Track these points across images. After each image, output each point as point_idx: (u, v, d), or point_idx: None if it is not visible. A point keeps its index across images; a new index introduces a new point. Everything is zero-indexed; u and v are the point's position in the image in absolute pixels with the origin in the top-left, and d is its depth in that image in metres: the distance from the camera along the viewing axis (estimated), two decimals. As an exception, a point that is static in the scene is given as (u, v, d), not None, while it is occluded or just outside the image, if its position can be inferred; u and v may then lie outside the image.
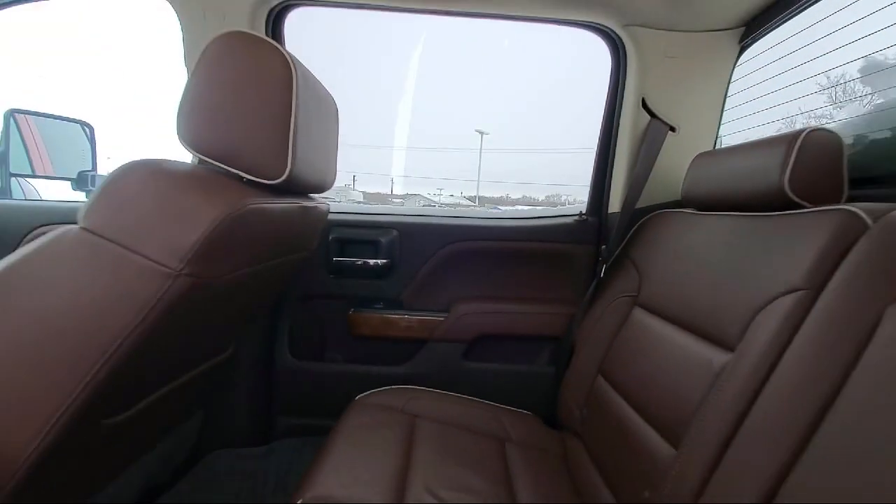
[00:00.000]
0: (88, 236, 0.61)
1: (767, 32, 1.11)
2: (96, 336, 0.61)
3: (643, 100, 1.26)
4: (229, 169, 0.74)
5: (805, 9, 0.99)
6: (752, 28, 1.13)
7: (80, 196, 2.08)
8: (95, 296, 0.61)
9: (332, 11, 1.28)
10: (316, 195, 1.08)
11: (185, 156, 0.90)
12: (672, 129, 1.26)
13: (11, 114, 1.80)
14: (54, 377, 0.61)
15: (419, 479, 0.92)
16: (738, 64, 1.23)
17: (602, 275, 1.30)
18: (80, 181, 1.99)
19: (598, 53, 1.34)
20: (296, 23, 1.32)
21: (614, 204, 1.38)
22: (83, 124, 2.09)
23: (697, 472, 0.65)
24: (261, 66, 0.73)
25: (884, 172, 0.86)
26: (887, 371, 0.47)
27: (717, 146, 1.32)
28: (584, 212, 1.46)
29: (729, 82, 1.25)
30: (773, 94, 1.14)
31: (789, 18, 1.05)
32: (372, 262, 1.41)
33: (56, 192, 2.36)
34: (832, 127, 0.82)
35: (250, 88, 0.72)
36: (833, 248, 0.62)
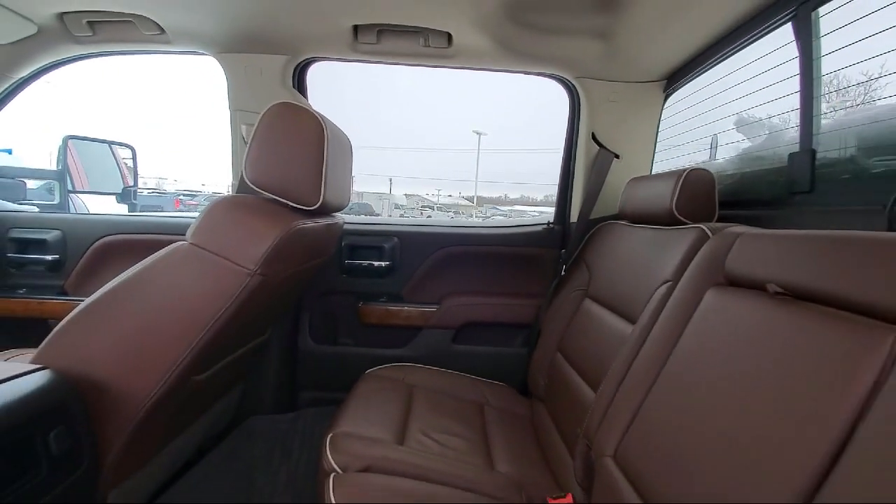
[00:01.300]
0: (195, 249, 0.90)
1: (683, 85, 1.42)
2: (199, 316, 0.90)
3: (593, 133, 1.56)
4: (280, 199, 1.03)
5: (709, 70, 1.29)
6: (672, 81, 1.44)
7: (124, 208, 2.36)
8: (199, 289, 0.90)
9: (344, 63, 1.57)
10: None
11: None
12: (616, 156, 1.56)
13: (67, 139, 2.08)
14: (171, 345, 0.90)
15: (416, 425, 1.22)
16: (665, 107, 1.53)
17: (563, 273, 1.59)
18: (123, 195, 2.28)
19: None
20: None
21: (574, 215, 1.67)
22: (128, 146, 2.38)
23: (603, 407, 0.94)
24: (301, 127, 1.02)
25: (744, 198, 1.16)
26: (704, 331, 0.77)
27: (653, 170, 1.62)
28: (551, 221, 1.76)
29: (659, 120, 1.56)
30: (690, 131, 1.44)
31: (699, 76, 1.35)
32: (377, 263, 1.71)
33: (101, 205, 2.65)
34: (712, 166, 1.12)
35: (295, 143, 1.01)
36: (688, 252, 0.92)
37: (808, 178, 0.90)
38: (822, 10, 0.87)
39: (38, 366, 0.84)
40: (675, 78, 1.42)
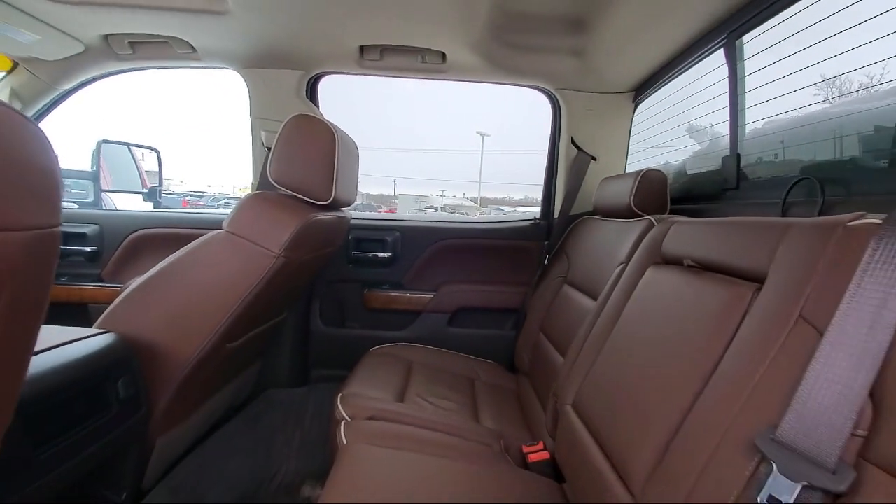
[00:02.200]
0: (230, 236, 1.08)
1: (649, 96, 1.59)
2: (234, 291, 1.08)
3: (572, 138, 1.74)
4: (298, 195, 1.21)
5: (668, 83, 1.47)
6: (639, 92, 1.62)
7: (149, 206, 2.55)
8: (234, 269, 1.08)
9: (351, 76, 1.75)
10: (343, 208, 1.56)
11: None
12: (593, 158, 1.74)
13: (101, 143, 2.27)
14: (212, 315, 1.08)
15: (413, 391, 1.40)
16: (635, 114, 1.70)
17: (546, 263, 1.77)
18: (150, 194, 2.47)
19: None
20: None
21: (557, 211, 1.85)
22: (154, 150, 2.57)
23: (568, 367, 1.12)
24: (316, 135, 1.20)
25: (691, 194, 1.33)
26: (641, 301, 0.94)
27: (627, 169, 1.79)
28: (537, 217, 1.94)
29: (630, 126, 1.73)
30: (657, 135, 1.61)
31: (661, 88, 1.52)
32: (380, 254, 1.89)
33: (128, 203, 2.85)
34: (668, 166, 1.29)
35: (311, 149, 1.19)
36: (637, 239, 1.09)
37: (735, 177, 1.08)
38: (745, 38, 1.04)
39: (103, 330, 1.02)
40: (642, 89, 1.60)
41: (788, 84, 0.92)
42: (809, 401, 0.48)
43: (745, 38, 1.04)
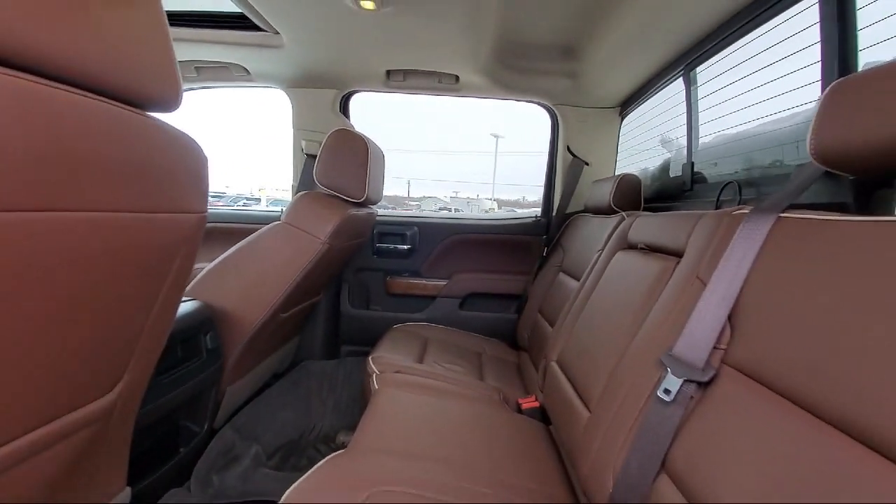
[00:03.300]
0: (287, 226, 1.35)
1: (632, 111, 1.83)
2: (289, 270, 1.35)
3: (568, 146, 1.98)
4: (337, 194, 1.47)
5: (645, 102, 1.70)
6: (624, 107, 1.85)
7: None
8: (289, 252, 1.35)
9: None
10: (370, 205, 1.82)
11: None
12: (587, 163, 1.97)
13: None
14: (271, 289, 1.35)
15: (429, 359, 1.65)
16: (622, 125, 1.94)
17: (545, 255, 2.01)
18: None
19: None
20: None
21: (555, 209, 2.09)
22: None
23: (555, 333, 1.36)
24: (353, 146, 1.46)
25: (660, 195, 1.57)
26: (608, 279, 1.18)
27: (617, 172, 2.02)
28: (538, 214, 2.18)
29: (618, 135, 1.97)
30: (642, 143, 1.84)
31: (641, 104, 1.76)
32: (401, 247, 2.15)
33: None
34: (646, 171, 1.53)
35: (348, 157, 1.46)
36: (611, 231, 1.33)
37: (690, 181, 1.31)
38: (698, 69, 1.28)
39: (190, 298, 1.30)
40: (627, 104, 1.84)
41: (727, 107, 1.15)
42: (693, 329, 0.72)
43: (699, 68, 1.27)
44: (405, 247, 2.15)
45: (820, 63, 0.81)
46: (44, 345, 0.53)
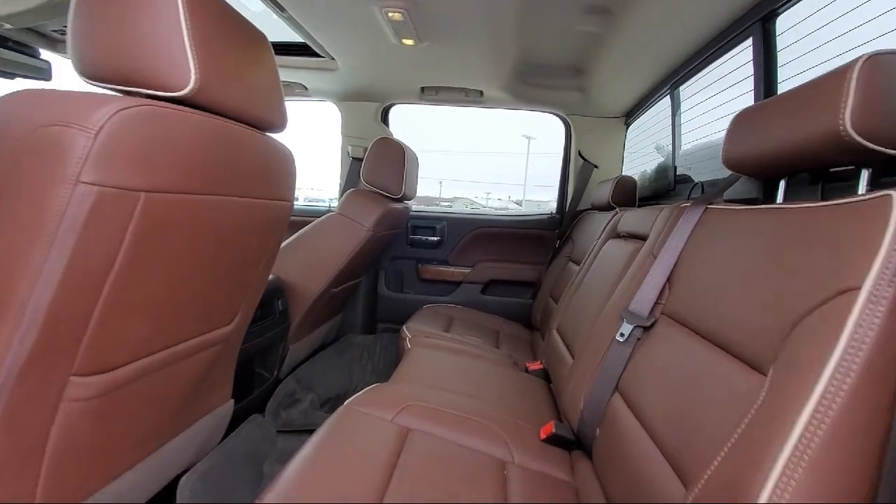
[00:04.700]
0: (340, 216, 1.65)
1: (635, 120, 2.04)
2: (340, 253, 1.65)
3: (579, 151, 2.21)
4: (379, 190, 1.76)
5: (645, 113, 1.91)
6: (629, 116, 2.07)
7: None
8: (342, 238, 1.65)
9: (413, 104, 2.31)
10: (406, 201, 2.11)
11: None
12: (596, 166, 2.20)
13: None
14: (327, 267, 1.66)
15: (455, 329, 1.92)
16: (628, 131, 2.15)
17: (557, 247, 2.25)
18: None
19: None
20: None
21: (568, 207, 2.32)
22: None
23: (556, 309, 1.60)
24: (391, 150, 1.75)
25: (652, 194, 1.78)
26: (598, 260, 1.42)
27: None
28: (552, 211, 2.42)
29: (624, 141, 2.18)
30: (645, 147, 2.05)
31: (642, 115, 1.97)
32: (431, 238, 2.43)
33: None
34: (644, 174, 1.75)
35: (388, 160, 1.75)
36: (607, 222, 1.56)
37: (673, 181, 1.53)
38: (681, 88, 1.49)
39: (264, 272, 1.61)
40: (630, 115, 2.06)
41: (702, 120, 1.37)
42: (643, 290, 0.96)
43: (681, 87, 1.49)
44: (435, 238, 2.43)
45: (753, 89, 1.03)
46: (201, 282, 0.84)
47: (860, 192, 0.63)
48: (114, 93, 0.63)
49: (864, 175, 0.63)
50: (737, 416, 0.54)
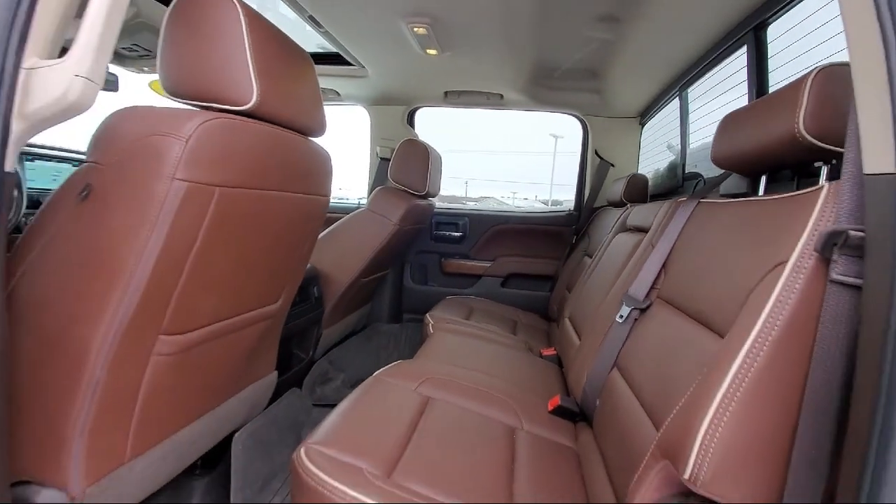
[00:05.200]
0: (370, 212, 1.80)
1: (649, 119, 2.11)
2: (369, 245, 1.80)
3: (596, 150, 2.29)
4: (405, 188, 1.90)
5: (658, 113, 1.98)
6: (643, 116, 2.14)
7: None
8: (371, 231, 1.80)
9: (438, 107, 2.44)
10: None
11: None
12: (612, 164, 2.28)
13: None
14: (358, 257, 1.81)
15: (475, 318, 2.04)
16: (643, 131, 2.22)
17: (574, 242, 2.33)
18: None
19: (576, 124, 2.30)
20: (420, 113, 2.49)
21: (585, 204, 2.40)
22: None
23: (569, 299, 1.70)
24: (417, 151, 1.89)
25: (662, 190, 1.85)
26: (608, 252, 1.52)
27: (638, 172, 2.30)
28: (571, 208, 2.50)
29: (639, 141, 2.25)
30: (660, 145, 2.12)
31: (656, 115, 2.04)
32: (454, 234, 2.55)
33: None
34: (657, 172, 1.84)
35: (413, 159, 1.88)
36: (619, 217, 1.65)
37: (682, 178, 1.60)
38: (689, 90, 1.57)
39: (301, 263, 1.77)
40: (644, 115, 2.13)
41: (707, 120, 1.45)
42: (642, 276, 1.06)
43: (689, 89, 1.57)
44: (458, 234, 2.55)
45: (746, 91, 1.11)
46: (256, 264, 0.99)
47: (821, 184, 0.72)
48: (192, 107, 0.79)
49: (824, 170, 0.72)
50: (700, 373, 0.64)
